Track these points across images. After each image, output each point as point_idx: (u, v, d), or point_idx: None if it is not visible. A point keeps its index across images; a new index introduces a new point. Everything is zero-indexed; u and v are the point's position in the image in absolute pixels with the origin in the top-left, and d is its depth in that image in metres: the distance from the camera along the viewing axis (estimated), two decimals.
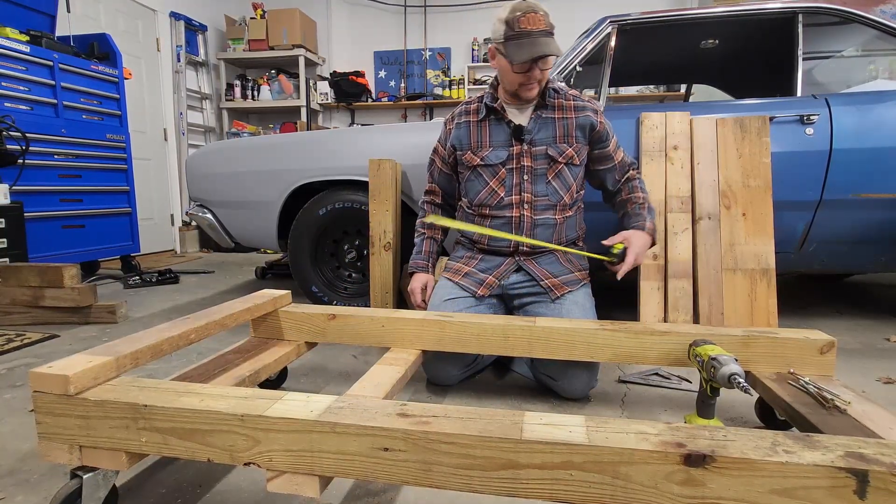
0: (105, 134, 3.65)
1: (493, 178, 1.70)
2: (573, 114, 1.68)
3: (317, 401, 0.88)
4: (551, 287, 1.64)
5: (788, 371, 1.25)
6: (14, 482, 1.13)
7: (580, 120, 1.68)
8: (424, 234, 1.86)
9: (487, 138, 1.71)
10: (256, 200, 2.59)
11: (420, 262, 1.83)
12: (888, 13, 2.09)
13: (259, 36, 5.61)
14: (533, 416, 0.83)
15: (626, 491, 0.74)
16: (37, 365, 1.89)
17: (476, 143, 1.72)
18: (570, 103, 1.69)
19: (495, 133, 1.70)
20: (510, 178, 1.68)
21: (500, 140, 1.69)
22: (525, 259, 1.69)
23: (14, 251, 2.77)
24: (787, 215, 2.16)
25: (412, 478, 0.80)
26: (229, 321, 1.32)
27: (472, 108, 1.76)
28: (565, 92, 1.71)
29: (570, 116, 1.68)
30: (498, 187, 1.69)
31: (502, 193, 1.69)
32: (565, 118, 1.68)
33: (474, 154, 1.72)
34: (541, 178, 1.67)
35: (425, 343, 1.46)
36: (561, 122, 1.68)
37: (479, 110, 1.73)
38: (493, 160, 1.69)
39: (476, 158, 1.71)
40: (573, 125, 1.68)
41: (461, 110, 1.80)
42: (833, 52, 2.76)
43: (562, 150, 1.66)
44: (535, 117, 1.67)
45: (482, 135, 1.72)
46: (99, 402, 0.89)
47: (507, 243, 1.69)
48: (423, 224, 1.87)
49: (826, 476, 0.69)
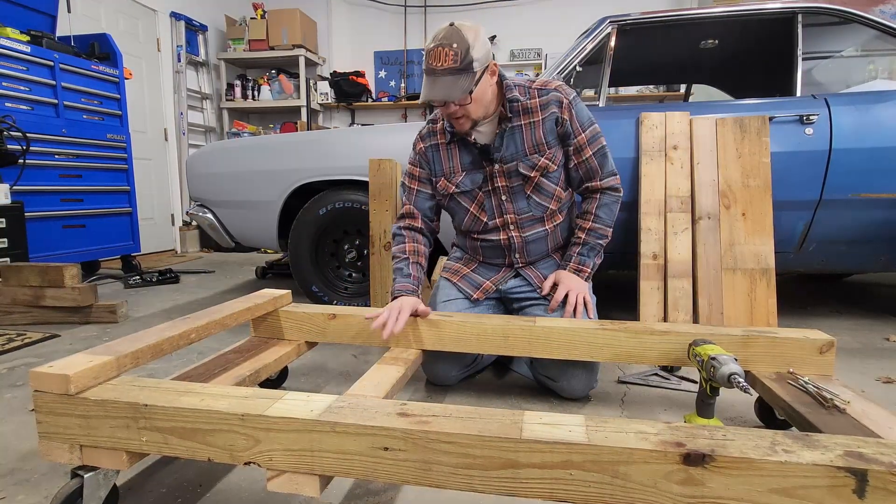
0: (106, 134, 3.65)
1: (472, 204, 1.63)
2: (540, 115, 1.54)
3: (317, 400, 0.89)
4: (552, 293, 1.62)
5: (788, 371, 1.25)
6: (15, 481, 1.14)
7: (547, 120, 1.54)
8: (409, 259, 1.59)
9: (458, 162, 1.61)
10: (257, 200, 2.59)
11: (407, 284, 1.52)
12: (888, 13, 2.09)
13: (259, 36, 5.61)
14: (532, 415, 0.83)
15: (626, 490, 0.75)
16: (37, 364, 1.89)
17: (448, 169, 1.62)
18: (534, 102, 1.54)
19: (464, 156, 1.60)
20: (488, 200, 1.61)
21: (471, 162, 1.60)
22: (522, 266, 1.69)
23: (15, 251, 2.78)
24: (787, 215, 2.16)
25: (412, 477, 0.81)
26: (230, 321, 1.32)
27: (438, 129, 1.64)
28: (529, 90, 1.55)
29: (536, 119, 1.54)
30: (479, 213, 1.63)
31: (485, 218, 1.62)
32: (532, 123, 1.55)
33: (448, 181, 1.63)
34: (519, 194, 1.59)
35: (425, 343, 1.46)
36: (529, 130, 1.55)
37: (445, 131, 1.61)
38: (469, 185, 1.61)
39: (451, 186, 1.62)
40: (541, 129, 1.54)
41: (427, 131, 1.67)
42: (832, 52, 2.76)
43: (533, 162, 1.55)
44: (501, 132, 1.54)
45: (452, 159, 1.62)
46: (99, 401, 0.89)
47: (503, 260, 1.68)
48: (404, 251, 1.61)
49: (825, 475, 0.69)
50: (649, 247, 2.15)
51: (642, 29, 2.34)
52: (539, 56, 5.62)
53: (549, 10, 5.61)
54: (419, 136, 1.68)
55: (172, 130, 5.14)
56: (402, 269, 1.57)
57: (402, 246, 1.62)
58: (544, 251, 1.68)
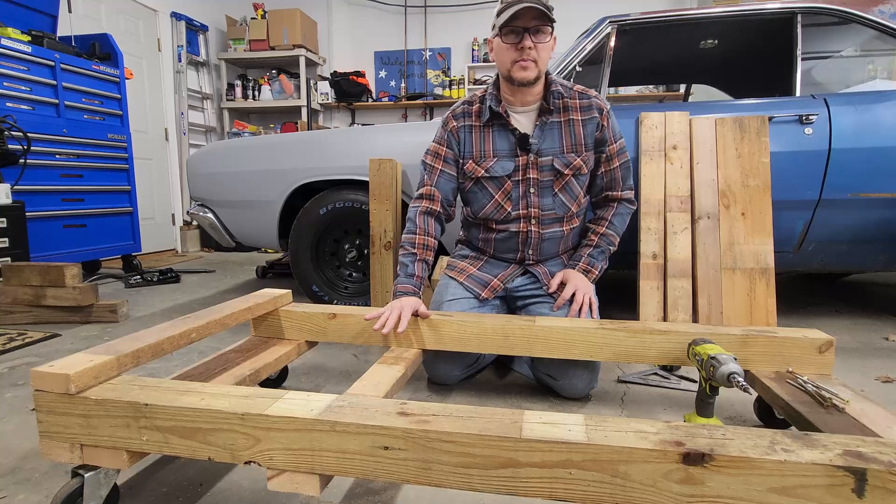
0: (106, 134, 3.65)
1: (498, 191, 1.60)
2: (579, 115, 1.56)
3: (317, 399, 0.89)
4: (558, 291, 1.62)
5: (787, 370, 1.25)
6: (15, 481, 1.14)
7: (587, 123, 1.56)
8: (416, 256, 1.55)
9: (491, 147, 1.59)
10: (257, 200, 2.60)
11: (409, 286, 1.49)
12: (887, 13, 2.09)
13: (260, 36, 5.62)
14: (532, 414, 0.83)
15: (625, 489, 0.75)
16: (38, 364, 1.89)
17: (479, 152, 1.60)
18: (575, 102, 1.56)
19: (499, 141, 1.58)
20: (516, 190, 1.59)
21: (505, 149, 1.58)
22: (532, 264, 1.69)
23: (16, 250, 2.78)
24: (786, 215, 2.16)
25: (412, 476, 0.81)
26: (230, 320, 1.32)
27: (474, 111, 1.62)
28: (570, 89, 1.58)
29: (576, 118, 1.56)
30: (504, 201, 1.60)
31: (509, 208, 1.60)
32: (571, 121, 1.56)
33: (477, 164, 1.60)
34: (547, 189, 1.58)
35: (425, 342, 1.46)
36: (567, 128, 1.56)
37: (482, 113, 1.59)
38: (499, 172, 1.58)
39: (480, 170, 1.59)
40: (580, 130, 1.56)
41: (461, 111, 1.64)
42: (832, 53, 2.76)
43: (569, 160, 1.56)
44: (540, 124, 1.55)
45: (485, 143, 1.59)
46: (100, 400, 0.89)
47: (514, 255, 1.67)
48: (413, 243, 1.57)
49: (824, 474, 0.69)
50: (649, 246, 2.15)
51: (642, 29, 2.34)
52: None
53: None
54: (451, 115, 1.64)
55: (173, 130, 5.14)
56: (406, 267, 1.54)
57: (412, 237, 1.58)
58: (556, 252, 1.68)
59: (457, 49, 5.89)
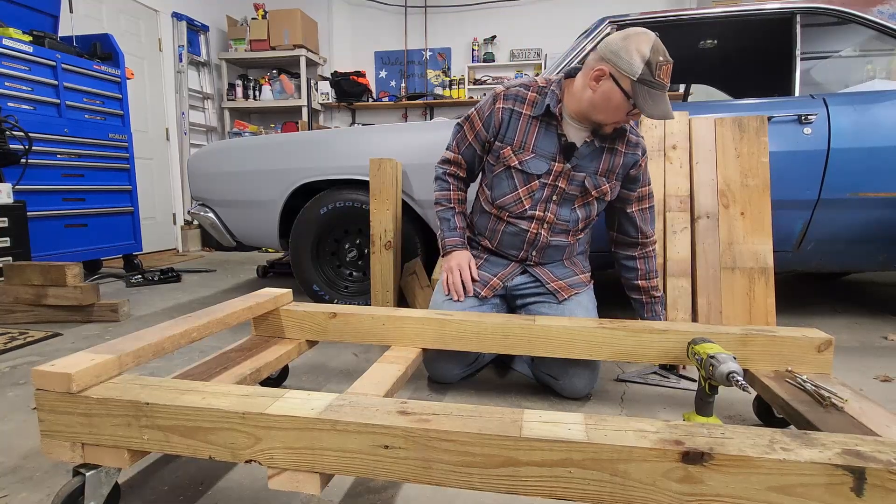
0: (107, 133, 3.65)
1: (523, 186, 1.59)
2: (624, 148, 1.58)
3: (318, 399, 0.89)
4: (558, 290, 1.63)
5: (786, 369, 1.25)
6: (17, 479, 1.14)
7: (628, 156, 1.58)
8: (454, 209, 1.68)
9: (533, 141, 1.56)
10: (258, 199, 2.60)
11: (457, 238, 1.65)
12: (886, 13, 2.09)
13: (261, 36, 5.62)
14: (532, 413, 0.84)
15: (625, 488, 0.75)
16: (40, 363, 1.89)
17: (520, 141, 1.57)
18: (625, 136, 1.58)
19: (544, 139, 1.56)
20: (540, 192, 1.58)
21: (546, 150, 1.56)
22: (534, 265, 1.68)
23: (17, 250, 2.78)
24: (786, 214, 2.16)
25: (412, 475, 0.81)
26: (231, 319, 1.33)
27: (529, 99, 1.57)
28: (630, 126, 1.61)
29: (620, 150, 1.58)
30: (525, 197, 1.60)
31: (527, 205, 1.60)
32: (615, 151, 1.57)
33: (514, 153, 1.57)
34: (568, 202, 1.59)
35: (426, 341, 1.46)
36: (609, 155, 1.57)
37: (536, 104, 1.56)
38: (532, 169, 1.56)
39: (514, 159, 1.57)
40: (619, 160, 1.58)
41: (515, 93, 1.58)
42: (831, 52, 2.76)
43: (599, 183, 1.58)
44: (591, 142, 1.54)
45: (529, 135, 1.57)
46: (101, 399, 0.90)
47: (517, 252, 1.67)
48: (449, 199, 1.68)
49: (823, 473, 0.69)
50: None
51: None
52: (539, 56, 5.62)
53: (549, 10, 5.61)
54: (503, 94, 1.59)
55: (174, 130, 5.14)
56: (448, 221, 1.66)
57: (447, 193, 1.69)
58: (559, 258, 1.69)
59: (457, 49, 5.89)
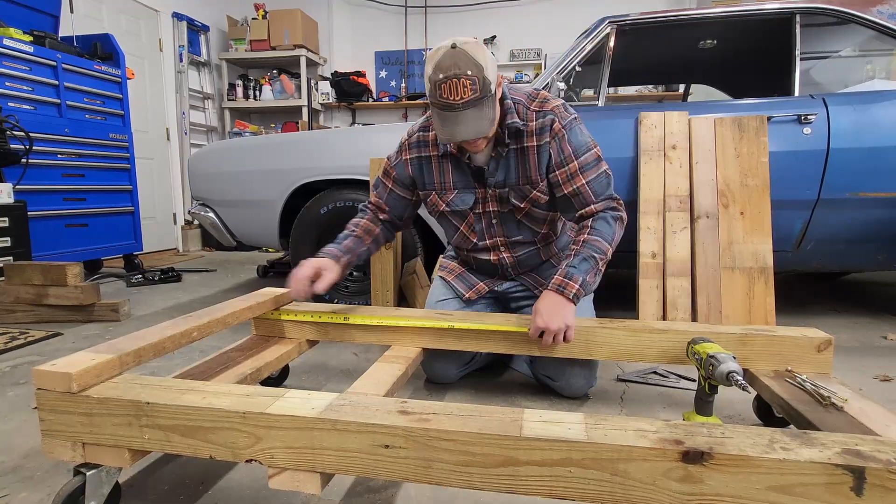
0: (108, 133, 3.66)
1: (462, 223, 1.57)
2: (535, 140, 1.42)
3: (318, 398, 0.89)
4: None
5: (786, 369, 1.25)
6: (18, 479, 1.14)
7: (542, 149, 1.43)
8: (355, 232, 1.52)
9: (450, 179, 1.51)
10: (258, 199, 2.60)
11: (332, 249, 1.46)
12: (885, 13, 2.09)
13: (261, 36, 5.62)
14: (532, 413, 0.84)
15: (625, 487, 0.75)
16: (40, 363, 1.89)
17: (440, 184, 1.53)
18: (531, 126, 1.42)
19: (456, 174, 1.51)
20: (479, 223, 1.55)
21: (463, 182, 1.51)
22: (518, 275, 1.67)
23: (18, 250, 2.79)
24: (785, 214, 2.16)
25: (412, 474, 0.81)
26: (231, 319, 1.33)
27: (431, 138, 1.51)
28: (527, 109, 1.43)
29: (531, 145, 1.43)
30: (469, 233, 1.57)
31: (475, 239, 1.58)
32: (526, 148, 1.44)
33: (440, 198, 1.54)
34: (509, 219, 1.53)
35: (425, 341, 1.46)
36: (522, 157, 1.45)
37: (438, 143, 1.49)
38: (460, 206, 1.53)
39: (442, 203, 1.54)
40: (535, 158, 1.44)
41: (417, 139, 1.53)
42: (830, 53, 2.76)
43: (524, 193, 1.47)
44: (496, 155, 1.44)
45: (444, 174, 1.52)
46: (102, 399, 0.90)
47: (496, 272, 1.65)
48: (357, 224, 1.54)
49: (823, 473, 0.69)
50: (648, 245, 2.15)
51: (641, 29, 2.34)
52: (539, 56, 5.62)
53: (549, 10, 5.61)
54: (407, 143, 1.55)
55: (174, 130, 5.14)
56: (337, 237, 1.51)
57: (356, 219, 1.56)
58: (537, 262, 1.66)
59: None
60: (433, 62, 1.25)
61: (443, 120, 1.28)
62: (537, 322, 1.30)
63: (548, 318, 1.29)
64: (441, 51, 1.25)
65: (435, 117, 1.30)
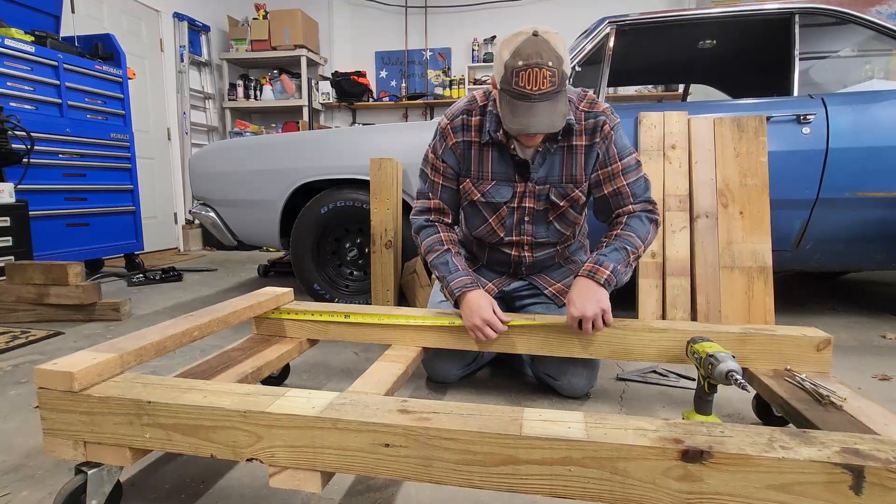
0: (109, 133, 3.66)
1: (493, 216, 1.51)
2: (583, 140, 1.42)
3: (319, 397, 0.89)
4: (557, 294, 1.61)
5: (785, 368, 1.26)
6: (19, 478, 1.15)
7: (590, 149, 1.43)
8: (451, 250, 1.47)
9: (489, 169, 1.47)
10: (259, 199, 2.61)
11: (465, 277, 1.41)
12: (884, 14, 2.09)
13: (261, 36, 5.63)
14: (532, 412, 0.84)
15: (625, 486, 0.75)
16: (42, 362, 1.89)
17: (477, 172, 1.48)
18: (581, 127, 1.41)
19: (498, 163, 1.46)
20: (510, 217, 1.51)
21: (503, 173, 1.46)
22: (528, 275, 1.66)
23: (19, 249, 2.79)
24: (784, 214, 2.16)
25: (413, 473, 0.82)
26: (232, 318, 1.33)
27: (474, 123, 1.46)
28: (577, 108, 1.42)
29: (579, 144, 1.42)
30: (498, 227, 1.52)
31: (502, 234, 1.53)
32: (574, 147, 1.43)
33: (475, 186, 1.49)
34: (541, 218, 1.50)
35: (426, 340, 1.47)
36: (569, 155, 1.43)
37: (482, 128, 1.45)
38: (497, 198, 1.48)
39: (477, 192, 1.49)
40: (582, 157, 1.43)
41: (461, 123, 1.47)
42: (829, 53, 2.77)
43: (566, 191, 1.45)
44: (543, 150, 1.42)
45: (484, 164, 1.47)
46: (103, 398, 0.90)
47: (508, 269, 1.64)
48: (441, 241, 1.49)
49: (822, 472, 0.70)
50: None
51: (641, 29, 2.34)
52: None
53: (549, 10, 5.61)
54: (450, 128, 1.48)
55: (175, 130, 5.15)
56: (447, 264, 1.44)
57: (436, 236, 1.49)
58: (551, 264, 1.66)
59: (457, 49, 5.89)
60: (512, 47, 1.21)
61: (514, 109, 1.24)
62: (572, 312, 1.30)
63: (582, 306, 1.29)
64: (521, 37, 1.21)
65: (505, 105, 1.26)
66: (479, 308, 1.35)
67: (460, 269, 1.43)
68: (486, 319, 1.34)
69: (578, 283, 1.34)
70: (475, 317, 1.35)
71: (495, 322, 1.34)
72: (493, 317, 1.34)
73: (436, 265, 1.47)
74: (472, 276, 1.43)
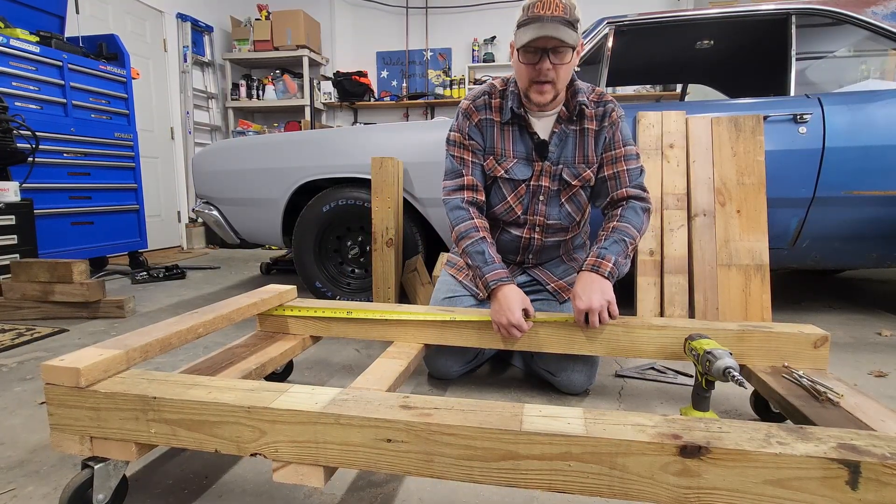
0: (113, 133, 3.68)
1: (511, 194, 1.55)
2: (594, 124, 1.51)
3: (321, 393, 0.90)
4: (558, 290, 1.63)
5: (782, 364, 1.26)
6: (24, 473, 1.16)
7: (601, 133, 1.51)
8: (486, 239, 1.47)
9: (511, 147, 1.52)
10: (261, 198, 2.62)
11: (500, 270, 1.42)
12: (880, 14, 2.09)
13: (264, 37, 5.64)
14: (532, 408, 0.85)
15: (623, 481, 0.76)
16: (47, 359, 1.92)
17: (500, 150, 1.53)
18: (591, 112, 1.50)
19: (518, 143, 1.52)
20: (527, 195, 1.55)
21: (524, 153, 1.52)
22: (531, 266, 1.68)
23: (24, 247, 2.81)
24: (781, 212, 2.17)
25: (414, 468, 0.82)
26: (236, 316, 1.34)
27: (495, 104, 1.53)
28: (588, 96, 1.52)
29: (591, 128, 1.51)
30: (516, 204, 1.56)
31: (519, 211, 1.56)
32: (586, 130, 1.51)
33: (497, 163, 1.53)
34: (554, 199, 1.55)
35: (427, 337, 1.48)
36: (582, 138, 1.51)
37: (503, 109, 1.52)
38: (518, 175, 1.52)
39: (500, 169, 1.53)
40: (594, 140, 1.51)
41: (483, 103, 1.54)
42: (826, 53, 2.77)
43: (579, 172, 1.52)
44: (559, 132, 1.50)
45: (506, 142, 1.53)
46: (109, 394, 0.91)
47: (514, 257, 1.66)
48: (476, 227, 1.48)
49: (819, 467, 0.70)
50: (646, 243, 2.17)
51: (639, 30, 2.35)
52: None
53: None
54: (473, 106, 1.54)
55: (179, 129, 5.17)
56: (483, 254, 1.44)
57: (470, 222, 1.48)
58: (556, 255, 1.68)
59: (457, 49, 5.90)
60: None
61: (526, 28, 1.32)
62: (578, 305, 1.32)
63: (588, 299, 1.31)
64: None
65: (520, 33, 1.34)
66: (509, 307, 1.35)
67: (496, 262, 1.44)
68: (514, 323, 1.35)
69: (583, 277, 1.37)
70: (504, 316, 1.36)
71: (522, 325, 1.35)
72: (521, 321, 1.35)
73: (470, 253, 1.47)
74: (506, 269, 1.44)
